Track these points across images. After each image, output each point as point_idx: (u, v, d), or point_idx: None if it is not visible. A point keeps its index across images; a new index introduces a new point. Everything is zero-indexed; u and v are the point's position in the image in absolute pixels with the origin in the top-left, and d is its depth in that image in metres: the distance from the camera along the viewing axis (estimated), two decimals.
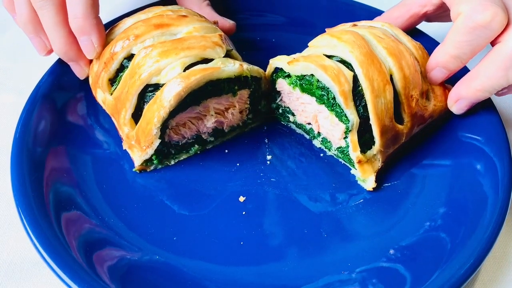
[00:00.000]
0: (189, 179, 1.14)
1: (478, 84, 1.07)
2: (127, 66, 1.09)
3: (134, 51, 1.09)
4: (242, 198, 1.10)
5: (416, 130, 1.14)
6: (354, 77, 1.05)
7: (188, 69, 1.04)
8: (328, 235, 1.05)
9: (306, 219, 1.07)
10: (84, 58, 1.16)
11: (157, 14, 1.15)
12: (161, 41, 1.08)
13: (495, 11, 1.01)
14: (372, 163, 1.11)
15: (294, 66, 1.09)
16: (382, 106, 1.05)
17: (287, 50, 1.21)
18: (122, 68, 1.11)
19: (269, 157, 1.18)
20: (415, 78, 1.09)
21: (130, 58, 1.10)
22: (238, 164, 1.17)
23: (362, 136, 1.08)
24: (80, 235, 0.99)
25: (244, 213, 1.08)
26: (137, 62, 1.06)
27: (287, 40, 1.41)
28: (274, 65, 1.15)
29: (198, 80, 1.03)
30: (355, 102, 1.05)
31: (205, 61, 1.07)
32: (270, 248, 1.03)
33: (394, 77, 1.07)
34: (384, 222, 1.06)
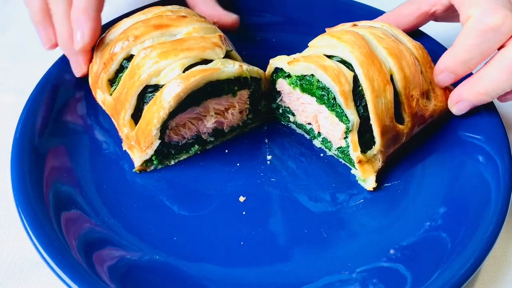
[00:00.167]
0: (189, 179, 1.14)
1: (482, 87, 1.06)
2: (127, 67, 1.09)
3: (134, 52, 1.09)
4: (242, 198, 1.10)
5: (416, 130, 1.14)
6: (355, 77, 1.04)
7: (187, 70, 1.04)
8: (328, 235, 1.04)
9: (306, 219, 1.07)
10: (82, 53, 1.17)
11: (156, 15, 1.15)
12: (160, 42, 1.08)
13: (505, 15, 1.00)
14: (372, 163, 1.11)
15: (294, 66, 1.09)
16: (382, 106, 1.05)
17: (287, 50, 1.21)
18: (122, 68, 1.11)
19: (269, 157, 1.18)
20: (416, 78, 1.09)
21: (129, 59, 1.10)
22: (238, 164, 1.17)
23: (362, 136, 1.08)
24: (80, 235, 0.99)
25: (244, 213, 1.08)
26: (136, 63, 1.06)
27: (287, 40, 1.41)
28: (274, 65, 1.15)
29: (197, 81, 1.03)
30: (356, 102, 1.05)
31: (204, 62, 1.07)
32: (270, 248, 1.02)
33: (394, 77, 1.07)
34: (384, 222, 1.06)
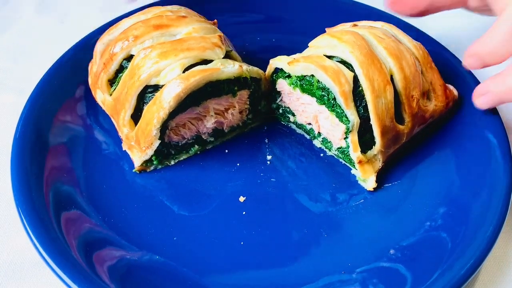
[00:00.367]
0: (189, 179, 1.14)
1: (510, 82, 1.02)
2: (127, 67, 1.09)
3: (134, 52, 1.09)
4: (242, 198, 1.10)
5: (417, 130, 1.14)
6: (355, 77, 1.04)
7: (187, 70, 1.04)
8: (328, 235, 1.04)
9: (306, 219, 1.07)
10: None
11: (156, 15, 1.15)
12: (160, 42, 1.08)
13: None
14: (372, 163, 1.11)
15: (294, 66, 1.09)
16: (382, 106, 1.05)
17: (287, 50, 1.21)
18: (122, 69, 1.11)
19: (269, 157, 1.18)
20: (416, 78, 1.09)
21: (129, 59, 1.10)
22: (238, 164, 1.17)
23: (362, 136, 1.08)
24: (80, 235, 0.99)
25: (244, 213, 1.08)
26: (136, 63, 1.06)
27: (287, 40, 1.41)
28: (274, 65, 1.15)
29: (197, 81, 1.03)
30: (356, 103, 1.05)
31: (204, 62, 1.07)
32: (270, 248, 1.02)
33: (394, 77, 1.07)
34: (384, 222, 1.06)
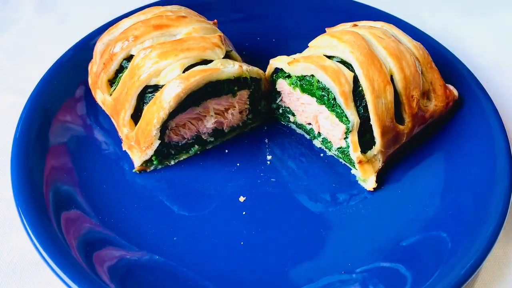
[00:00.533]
0: (189, 179, 1.14)
1: None
2: (126, 67, 1.09)
3: (134, 52, 1.09)
4: (242, 198, 1.10)
5: (417, 130, 1.14)
6: (355, 77, 1.04)
7: (187, 70, 1.04)
8: (328, 235, 1.04)
9: (306, 219, 1.07)
10: None
11: (156, 15, 1.15)
12: (160, 42, 1.08)
13: None
14: (372, 163, 1.11)
15: (294, 66, 1.09)
16: (382, 106, 1.05)
17: (287, 50, 1.21)
18: (122, 69, 1.11)
19: (269, 157, 1.18)
20: (416, 79, 1.09)
21: (129, 59, 1.10)
22: (238, 164, 1.17)
23: (362, 136, 1.08)
24: (80, 235, 0.99)
25: (244, 213, 1.08)
26: (136, 63, 1.06)
27: (287, 40, 1.41)
28: (274, 65, 1.15)
29: (197, 81, 1.03)
30: (356, 103, 1.05)
31: (204, 62, 1.07)
32: (270, 248, 1.02)
33: (394, 77, 1.07)
34: (384, 222, 1.06)
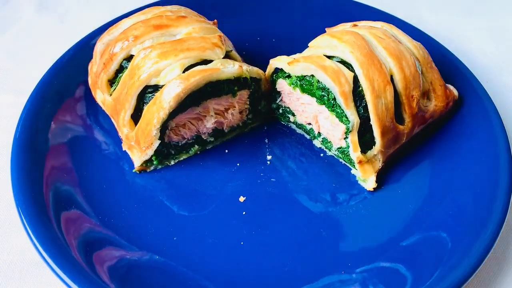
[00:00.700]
0: (189, 179, 1.14)
1: None
2: (126, 67, 1.09)
3: (134, 52, 1.09)
4: (242, 198, 1.10)
5: (417, 130, 1.14)
6: (355, 77, 1.04)
7: (187, 70, 1.04)
8: (328, 235, 1.04)
9: (306, 219, 1.07)
10: None
11: (156, 15, 1.15)
12: (160, 42, 1.08)
13: None
14: (372, 163, 1.11)
15: (294, 66, 1.09)
16: (382, 106, 1.05)
17: (287, 50, 1.21)
18: (122, 69, 1.11)
19: (269, 157, 1.18)
20: (416, 79, 1.09)
21: (129, 59, 1.10)
22: (238, 164, 1.17)
23: (362, 136, 1.08)
24: (80, 235, 0.99)
25: (244, 213, 1.08)
26: (136, 63, 1.06)
27: (287, 40, 1.41)
28: (274, 65, 1.15)
29: (197, 81, 1.03)
30: (356, 103, 1.05)
31: (204, 62, 1.07)
32: (270, 248, 1.02)
33: (394, 77, 1.07)
34: (384, 222, 1.06)
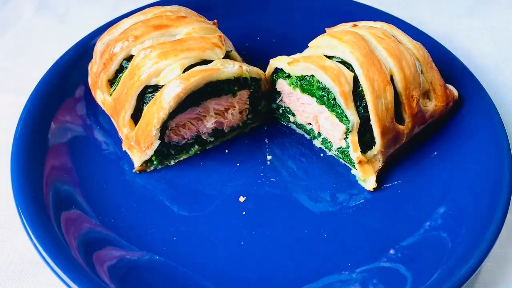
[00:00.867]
0: (189, 179, 1.14)
1: None
2: (126, 67, 1.09)
3: (133, 52, 1.09)
4: (242, 198, 1.10)
5: (416, 130, 1.14)
6: (355, 77, 1.04)
7: (187, 70, 1.04)
8: (328, 235, 1.04)
9: (306, 219, 1.07)
10: None
11: (156, 15, 1.15)
12: (160, 42, 1.08)
13: None
14: (372, 163, 1.11)
15: (294, 66, 1.09)
16: (382, 106, 1.05)
17: (287, 50, 1.21)
18: (121, 69, 1.11)
19: (269, 157, 1.18)
20: (416, 79, 1.09)
21: (129, 59, 1.10)
22: (238, 164, 1.17)
23: (362, 136, 1.08)
24: (80, 235, 0.99)
25: (244, 213, 1.08)
26: (136, 63, 1.06)
27: (287, 40, 1.41)
28: (274, 65, 1.15)
29: (197, 81, 1.03)
30: (356, 103, 1.05)
31: (204, 62, 1.07)
32: (270, 248, 1.02)
33: (394, 77, 1.07)
34: (384, 222, 1.06)
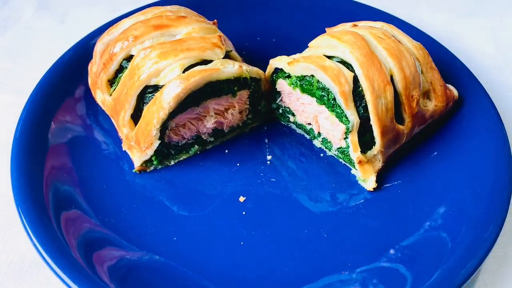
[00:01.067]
0: (189, 179, 1.14)
1: None
2: (126, 67, 1.09)
3: (133, 52, 1.09)
4: (242, 198, 1.10)
5: (416, 130, 1.14)
6: (355, 77, 1.04)
7: (187, 70, 1.04)
8: (328, 235, 1.04)
9: (306, 219, 1.07)
10: None
11: (156, 15, 1.15)
12: (160, 42, 1.08)
13: None
14: (372, 163, 1.11)
15: (294, 66, 1.09)
16: (382, 106, 1.05)
17: (287, 50, 1.21)
18: (121, 69, 1.11)
19: (269, 157, 1.18)
20: (416, 79, 1.09)
21: (129, 59, 1.10)
22: (238, 164, 1.17)
23: (362, 136, 1.08)
24: (80, 235, 0.99)
25: (244, 213, 1.08)
26: (136, 63, 1.06)
27: (287, 40, 1.41)
28: (274, 65, 1.15)
29: (197, 81, 1.03)
30: (356, 103, 1.05)
31: (204, 62, 1.07)
32: (270, 248, 1.02)
33: (394, 77, 1.07)
34: (384, 222, 1.06)
